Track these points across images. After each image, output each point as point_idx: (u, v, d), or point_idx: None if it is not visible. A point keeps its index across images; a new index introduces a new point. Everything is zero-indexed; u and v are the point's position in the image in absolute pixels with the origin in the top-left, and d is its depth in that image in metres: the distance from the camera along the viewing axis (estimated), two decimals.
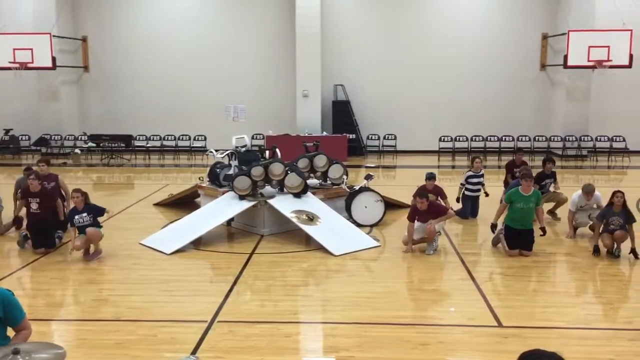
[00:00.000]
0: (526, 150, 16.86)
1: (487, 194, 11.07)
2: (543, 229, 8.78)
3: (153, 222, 10.73)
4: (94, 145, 20.10)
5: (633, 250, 8.46)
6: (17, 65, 18.46)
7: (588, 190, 9.48)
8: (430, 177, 10.46)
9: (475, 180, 10.99)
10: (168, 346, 5.75)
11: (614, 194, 8.53)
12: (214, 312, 6.55)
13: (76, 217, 8.48)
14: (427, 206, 8.80)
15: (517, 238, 8.65)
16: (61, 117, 20.88)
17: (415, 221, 8.82)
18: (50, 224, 9.03)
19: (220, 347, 5.72)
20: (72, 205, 8.89)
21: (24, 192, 9.22)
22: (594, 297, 7.21)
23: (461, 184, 11.09)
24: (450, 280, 7.81)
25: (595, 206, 9.52)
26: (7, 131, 20.60)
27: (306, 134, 18.87)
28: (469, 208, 11.00)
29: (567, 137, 19.70)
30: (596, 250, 8.65)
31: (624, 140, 19.42)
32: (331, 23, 20.56)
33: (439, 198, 10.10)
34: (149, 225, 10.40)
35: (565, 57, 17.90)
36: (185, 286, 7.51)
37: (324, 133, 19.67)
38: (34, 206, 8.99)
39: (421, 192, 9.15)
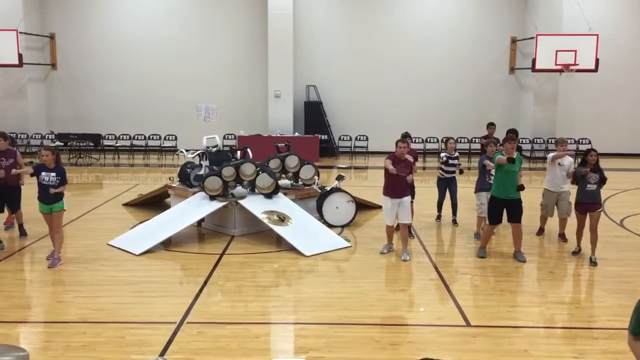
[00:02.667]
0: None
1: (461, 171, 10.61)
2: (521, 185, 8.56)
3: (122, 223, 10.58)
4: (62, 144, 19.70)
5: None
6: None
7: (560, 140, 9.67)
8: (406, 135, 10.08)
9: (449, 161, 10.56)
10: (136, 348, 5.68)
11: (588, 152, 8.66)
12: (183, 314, 6.49)
13: (43, 173, 8.08)
14: (405, 156, 8.59)
15: (502, 209, 8.55)
16: (27, 115, 20.45)
17: (391, 198, 8.60)
18: None
19: (189, 348, 5.67)
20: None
21: None
22: (560, 296, 7.34)
23: (442, 164, 10.64)
24: (420, 281, 7.87)
25: (567, 171, 9.43)
26: None
27: (278, 135, 18.83)
28: (444, 192, 10.66)
29: (535, 139, 20.05)
30: (577, 207, 8.73)
31: (589, 142, 19.81)
32: (304, 24, 20.57)
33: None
34: (118, 226, 10.25)
35: (534, 60, 18.21)
36: (154, 287, 7.42)
37: (296, 134, 19.66)
38: None
39: (402, 137, 9.17)
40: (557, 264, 8.59)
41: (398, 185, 8.58)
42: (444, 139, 11.72)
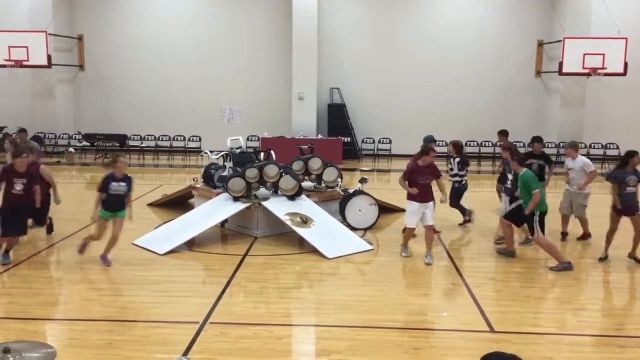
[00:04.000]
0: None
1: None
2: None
3: (146, 223, 10.68)
4: (88, 144, 20.04)
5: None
6: (12, 63, 18.40)
7: (571, 145, 9.71)
8: (431, 140, 10.39)
9: (449, 166, 10.72)
10: (159, 347, 5.73)
11: (631, 154, 8.50)
12: (206, 314, 6.53)
13: (114, 183, 8.04)
14: (430, 162, 8.58)
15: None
16: (56, 115, 20.80)
17: (414, 202, 8.55)
18: (28, 209, 8.54)
19: (211, 348, 5.71)
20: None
21: (8, 171, 8.37)
22: (585, 303, 7.22)
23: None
24: (443, 285, 7.82)
25: (578, 169, 9.48)
26: (0, 129, 20.50)
27: (301, 137, 18.86)
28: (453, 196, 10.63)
29: (561, 144, 19.75)
30: (615, 209, 8.51)
31: (617, 147, 19.51)
32: (328, 27, 20.59)
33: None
34: (143, 226, 10.33)
35: (561, 64, 18.00)
36: (177, 287, 7.48)
37: (319, 136, 19.68)
38: (18, 187, 8.25)
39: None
40: (582, 270, 8.45)
41: (424, 192, 8.55)
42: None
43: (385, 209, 11.28)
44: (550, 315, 6.76)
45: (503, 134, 11.79)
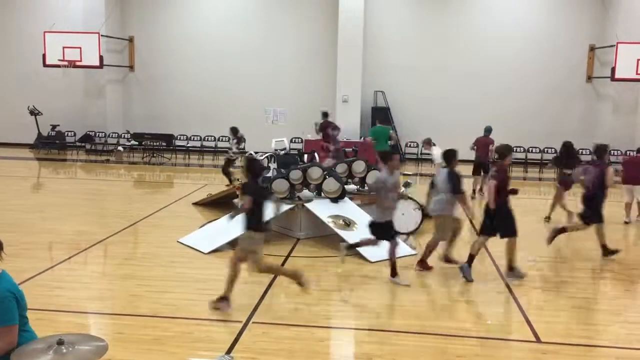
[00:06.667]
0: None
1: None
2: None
3: (191, 221, 10.86)
4: (137, 143, 20.48)
5: None
6: (65, 63, 18.98)
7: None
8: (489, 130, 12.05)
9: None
10: (204, 344, 5.81)
11: None
12: (249, 313, 6.59)
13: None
14: None
15: None
16: (106, 114, 21.35)
17: None
18: None
19: (254, 348, 5.75)
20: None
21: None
22: (637, 315, 6.99)
23: None
24: (488, 293, 7.67)
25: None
26: (53, 127, 21.17)
27: (345, 140, 18.82)
28: None
29: (612, 151, 19.19)
30: None
31: None
32: (374, 29, 20.53)
33: None
34: (188, 224, 10.53)
35: (613, 69, 17.51)
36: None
37: (362, 139, 19.62)
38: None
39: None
40: (634, 281, 8.18)
41: None
42: None
43: (429, 214, 11.14)
44: (599, 327, 6.57)
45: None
